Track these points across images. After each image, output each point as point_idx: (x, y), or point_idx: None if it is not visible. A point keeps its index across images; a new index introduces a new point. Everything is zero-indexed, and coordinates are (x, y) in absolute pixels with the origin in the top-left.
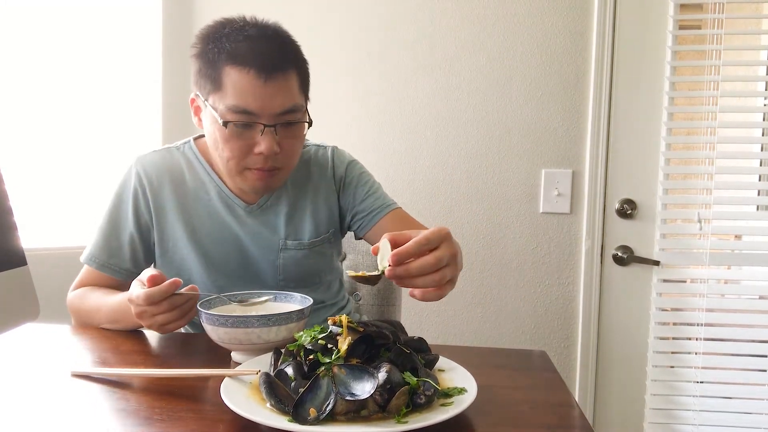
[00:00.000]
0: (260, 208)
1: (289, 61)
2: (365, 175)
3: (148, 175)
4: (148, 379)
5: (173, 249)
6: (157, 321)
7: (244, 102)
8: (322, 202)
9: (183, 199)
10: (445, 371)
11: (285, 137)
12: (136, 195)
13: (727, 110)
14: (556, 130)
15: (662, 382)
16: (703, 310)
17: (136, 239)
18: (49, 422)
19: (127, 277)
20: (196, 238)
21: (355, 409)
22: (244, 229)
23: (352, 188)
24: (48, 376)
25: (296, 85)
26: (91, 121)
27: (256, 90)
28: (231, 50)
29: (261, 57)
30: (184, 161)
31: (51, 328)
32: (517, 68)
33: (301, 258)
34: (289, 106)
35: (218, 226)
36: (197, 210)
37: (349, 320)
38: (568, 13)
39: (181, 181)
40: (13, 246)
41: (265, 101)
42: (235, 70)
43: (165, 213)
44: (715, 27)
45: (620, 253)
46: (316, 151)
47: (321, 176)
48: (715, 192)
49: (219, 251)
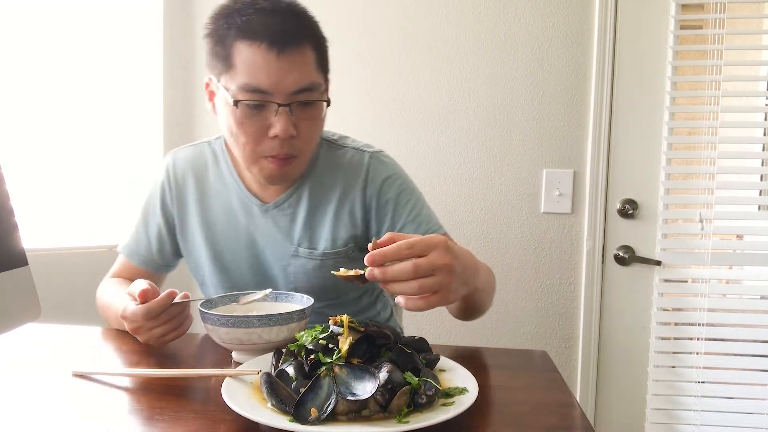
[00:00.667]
0: (276, 207)
1: (303, 35)
2: (406, 194)
3: (175, 169)
4: (148, 379)
5: (191, 244)
6: (154, 334)
7: (255, 79)
8: (346, 214)
9: (203, 194)
10: (446, 371)
11: (302, 118)
12: (164, 188)
13: (728, 110)
14: (558, 130)
15: (664, 382)
16: (705, 310)
17: (163, 232)
18: (50, 422)
19: (155, 269)
20: (211, 235)
21: (357, 409)
22: (257, 229)
23: (388, 211)
24: (49, 376)
25: (312, 61)
26: (91, 121)
27: (268, 65)
28: (241, 25)
29: (273, 30)
30: (211, 156)
31: (52, 328)
32: (518, 68)
33: (311, 269)
34: (306, 83)
35: (232, 225)
36: (215, 207)
37: (350, 320)
38: (569, 13)
39: (204, 177)
40: (14, 246)
41: (278, 78)
42: (246, 45)
43: (187, 208)
44: (716, 27)
45: (621, 253)
46: (352, 156)
47: (350, 185)
48: (717, 192)
49: (231, 251)
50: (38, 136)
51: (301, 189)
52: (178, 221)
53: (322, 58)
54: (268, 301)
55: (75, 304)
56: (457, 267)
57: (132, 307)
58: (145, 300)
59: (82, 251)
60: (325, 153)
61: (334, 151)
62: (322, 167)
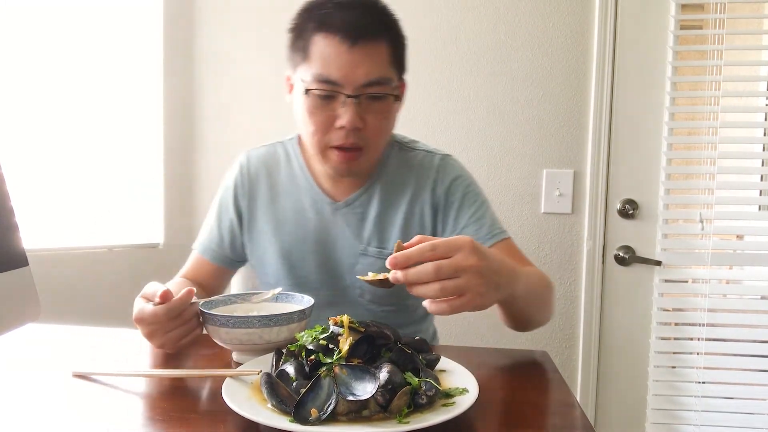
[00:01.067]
0: (347, 206)
1: (379, 30)
2: (472, 195)
3: (249, 167)
4: (149, 380)
5: (257, 241)
6: (172, 337)
7: (327, 70)
8: (416, 215)
9: (274, 192)
10: (447, 371)
11: (369, 112)
12: (236, 185)
13: (728, 110)
14: (558, 130)
15: (664, 383)
16: (705, 311)
17: (235, 227)
18: (50, 422)
19: (228, 264)
20: (280, 232)
21: (357, 409)
22: (327, 227)
23: (453, 210)
24: (49, 376)
25: (386, 56)
26: (91, 121)
27: (340, 57)
28: (319, 17)
29: (348, 23)
30: (283, 155)
31: (52, 328)
32: (518, 68)
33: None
34: (375, 77)
35: (302, 223)
36: (285, 204)
37: (350, 320)
38: (569, 14)
39: (276, 175)
40: (14, 246)
41: (348, 70)
42: (321, 37)
43: (257, 204)
44: (716, 27)
45: (622, 253)
46: (424, 157)
47: (420, 186)
48: (717, 192)
49: (299, 248)
50: (38, 136)
51: (372, 188)
52: (247, 217)
53: (397, 55)
54: (269, 302)
55: (75, 304)
56: (486, 269)
57: (150, 308)
58: (165, 300)
59: (82, 251)
60: (397, 154)
61: (405, 153)
62: (393, 168)
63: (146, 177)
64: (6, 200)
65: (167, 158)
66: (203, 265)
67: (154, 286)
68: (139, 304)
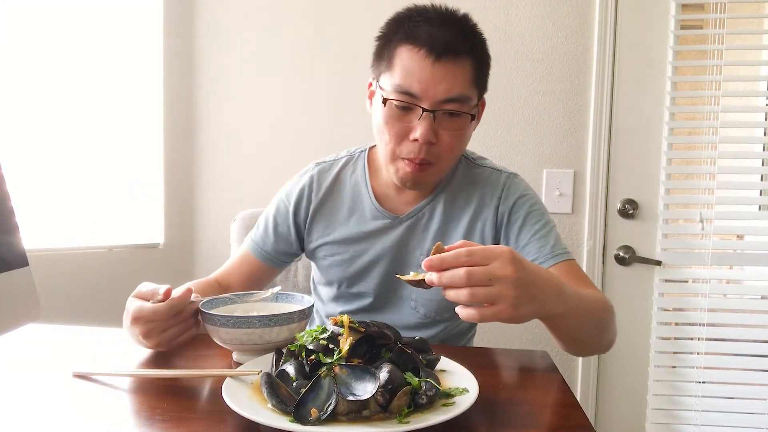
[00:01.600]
0: (410, 218)
1: (464, 48)
2: (536, 214)
3: (318, 180)
4: (149, 380)
5: (319, 248)
6: (169, 335)
7: (408, 83)
8: (477, 230)
9: (339, 206)
10: (447, 371)
11: (444, 128)
12: (302, 194)
13: (728, 110)
14: (558, 130)
15: (664, 382)
16: (705, 310)
17: (291, 234)
18: (51, 423)
19: (272, 264)
20: (340, 245)
21: (357, 409)
22: (386, 241)
23: (515, 228)
24: (49, 376)
25: (469, 74)
26: (91, 121)
27: (422, 71)
28: (408, 30)
29: (435, 38)
30: (351, 169)
31: (53, 328)
32: (518, 68)
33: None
34: (455, 94)
35: (361, 237)
36: (347, 219)
37: (350, 320)
38: (569, 14)
39: (343, 188)
40: (14, 247)
41: (430, 84)
42: (407, 49)
43: (321, 217)
44: (716, 27)
45: (622, 253)
46: (490, 175)
47: (484, 203)
48: (717, 192)
49: (359, 261)
50: (38, 136)
51: (435, 201)
52: (308, 229)
53: (480, 75)
54: (269, 302)
55: (76, 304)
56: (522, 281)
57: (150, 305)
58: (167, 299)
59: (82, 251)
60: (463, 169)
61: (472, 169)
62: (458, 182)
63: (146, 177)
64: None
65: (167, 158)
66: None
67: (148, 285)
68: (135, 303)
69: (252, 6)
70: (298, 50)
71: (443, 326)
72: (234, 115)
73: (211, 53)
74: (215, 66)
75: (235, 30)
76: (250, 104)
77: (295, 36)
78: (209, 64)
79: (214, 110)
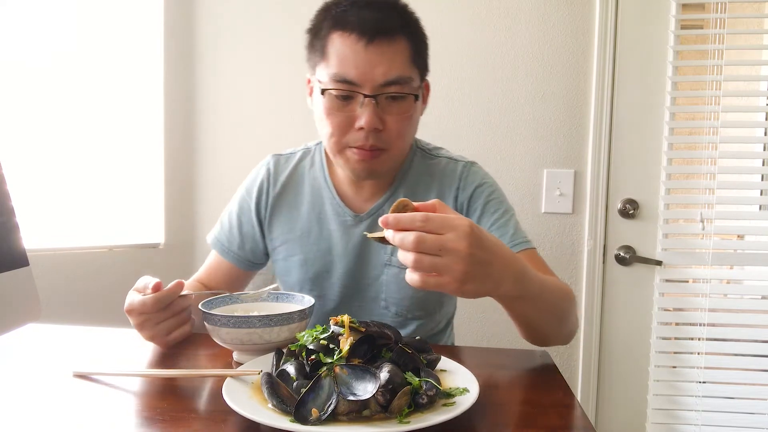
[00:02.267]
0: (371, 216)
1: (396, 27)
2: (495, 203)
3: (276, 173)
4: (149, 380)
5: (279, 246)
6: (161, 329)
7: (344, 70)
8: None
9: (299, 201)
10: (447, 371)
11: (389, 112)
12: (261, 190)
13: (729, 110)
14: (558, 129)
15: (665, 383)
16: (706, 310)
17: (256, 231)
18: (51, 423)
19: (246, 266)
20: (301, 243)
21: (357, 409)
22: (350, 239)
23: (474, 217)
24: (50, 376)
25: (406, 54)
26: (92, 121)
27: (356, 55)
28: (336, 16)
29: (364, 21)
30: (309, 163)
31: (53, 328)
32: (519, 68)
33: (403, 279)
34: (394, 76)
35: (324, 234)
36: (308, 215)
37: (351, 320)
38: (570, 13)
39: (301, 183)
40: (15, 246)
41: (366, 69)
42: (338, 35)
43: (280, 213)
44: (717, 27)
45: (622, 253)
46: (446, 165)
47: (443, 194)
48: (718, 192)
49: (321, 260)
50: (39, 136)
51: (395, 197)
52: (268, 224)
53: (418, 54)
54: (269, 302)
55: (76, 304)
56: (474, 258)
57: (138, 298)
58: (155, 292)
59: (82, 251)
60: (419, 161)
61: (427, 160)
62: (415, 175)
63: (146, 177)
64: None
65: (167, 158)
66: (222, 266)
67: (146, 279)
68: (130, 296)
69: (253, 5)
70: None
71: (416, 324)
72: (234, 115)
73: (212, 53)
74: (216, 66)
75: (236, 30)
76: (251, 104)
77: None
78: (210, 64)
79: (214, 110)
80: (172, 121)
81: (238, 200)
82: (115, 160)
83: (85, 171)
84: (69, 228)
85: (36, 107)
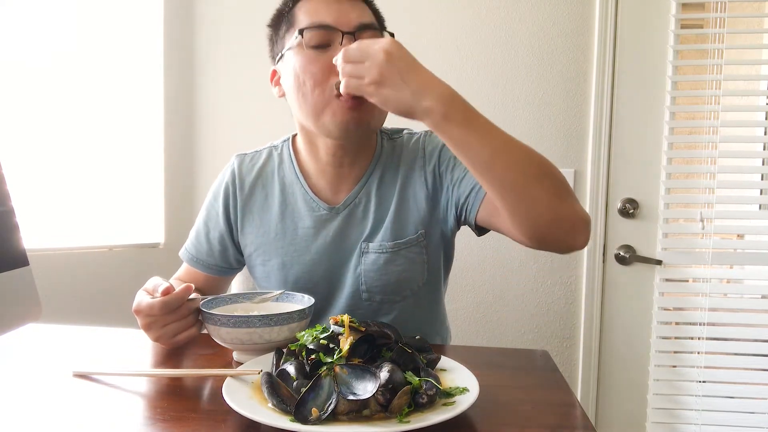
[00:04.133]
0: (346, 207)
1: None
2: None
3: (241, 174)
4: (149, 379)
5: (255, 251)
6: (168, 331)
7: (320, 17)
8: (410, 198)
9: (269, 203)
10: (447, 371)
11: None
12: (227, 192)
13: (729, 109)
14: (558, 129)
15: (665, 382)
16: (706, 310)
17: (225, 237)
18: (51, 422)
19: (218, 272)
20: (276, 246)
21: (357, 408)
22: (325, 233)
23: (448, 174)
24: (50, 376)
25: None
26: (92, 121)
27: (329, 5)
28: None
29: None
30: (277, 161)
31: (53, 328)
32: (518, 68)
33: (383, 264)
34: (368, 20)
35: (299, 233)
36: (281, 213)
37: (351, 320)
38: (569, 13)
39: (271, 183)
40: (15, 246)
41: (341, 13)
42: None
43: (251, 213)
44: (717, 26)
45: (622, 253)
46: (408, 140)
47: (410, 169)
48: (718, 191)
49: (298, 258)
50: (39, 136)
51: (369, 185)
52: (240, 226)
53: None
54: (269, 301)
55: (76, 304)
56: (393, 64)
57: (147, 300)
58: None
59: (82, 251)
60: (387, 145)
61: (392, 143)
62: (384, 160)
63: (146, 177)
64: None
65: (167, 158)
66: (191, 274)
67: (156, 280)
68: (139, 296)
69: (252, 6)
70: None
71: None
72: (234, 115)
73: (212, 54)
74: (216, 66)
75: (236, 30)
76: (251, 104)
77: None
78: (210, 63)
79: (214, 110)
80: (172, 121)
81: (206, 206)
82: (115, 160)
83: (85, 171)
84: (69, 228)
85: (36, 107)
